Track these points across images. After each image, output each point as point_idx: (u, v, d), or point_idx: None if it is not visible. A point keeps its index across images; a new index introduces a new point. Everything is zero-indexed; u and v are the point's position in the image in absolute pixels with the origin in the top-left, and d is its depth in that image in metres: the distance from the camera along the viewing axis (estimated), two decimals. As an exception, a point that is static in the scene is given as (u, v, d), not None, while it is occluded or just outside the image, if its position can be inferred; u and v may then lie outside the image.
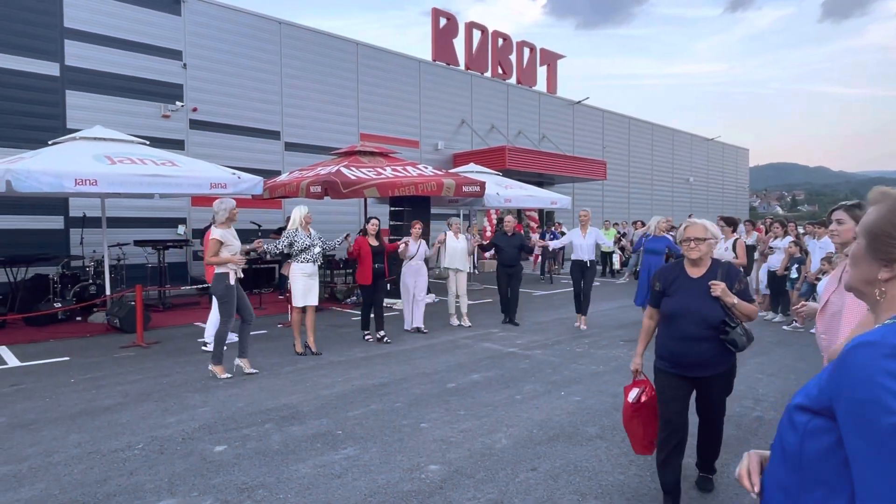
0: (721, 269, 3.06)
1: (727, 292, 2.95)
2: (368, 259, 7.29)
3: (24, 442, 4.11)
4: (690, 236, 3.03)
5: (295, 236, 6.71)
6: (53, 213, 11.05)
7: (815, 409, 1.02)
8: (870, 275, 1.13)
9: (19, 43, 10.78)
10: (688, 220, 3.15)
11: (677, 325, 3.02)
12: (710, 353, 2.99)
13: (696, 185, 31.40)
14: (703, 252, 3.04)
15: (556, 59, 22.85)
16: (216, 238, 5.78)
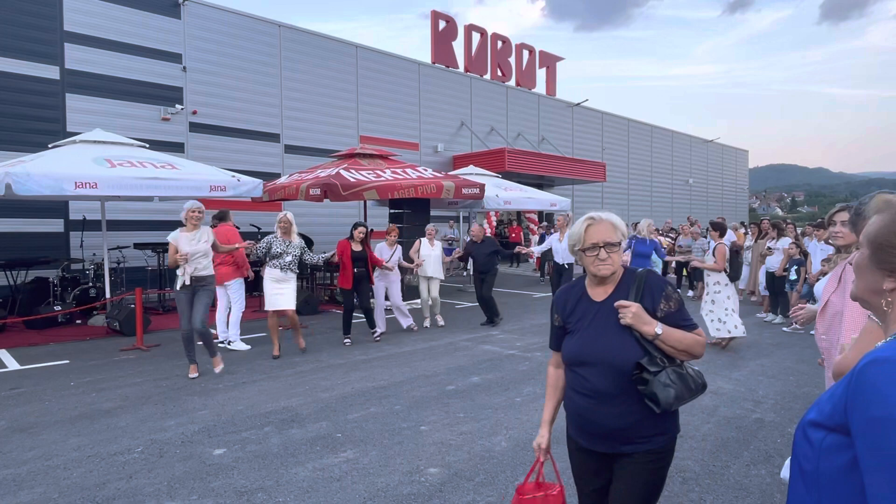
0: (635, 281, 2.00)
1: (642, 317, 1.89)
2: (349, 263, 7.30)
3: (24, 445, 4.11)
4: (597, 241, 1.97)
5: (272, 241, 6.75)
6: (53, 216, 11.06)
7: (830, 426, 1.01)
8: (875, 285, 1.12)
9: (20, 46, 10.80)
10: (589, 216, 2.04)
11: (579, 375, 2.00)
12: (627, 417, 1.91)
13: (695, 187, 31.41)
14: (617, 264, 1.99)
15: (556, 62, 22.88)
16: (169, 241, 5.76)
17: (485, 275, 8.78)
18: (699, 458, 3.86)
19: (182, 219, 5.85)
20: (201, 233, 5.86)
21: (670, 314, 1.95)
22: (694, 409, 4.84)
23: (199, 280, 5.80)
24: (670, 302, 1.97)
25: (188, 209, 5.83)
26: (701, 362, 6.51)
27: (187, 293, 5.76)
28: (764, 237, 10.07)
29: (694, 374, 1.95)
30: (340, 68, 15.96)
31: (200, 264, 5.79)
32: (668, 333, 1.89)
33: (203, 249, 5.81)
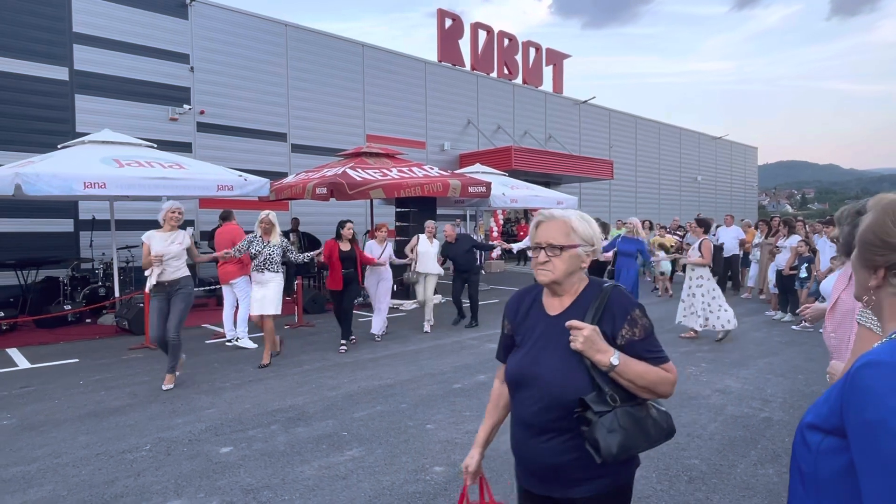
0: (597, 298, 1.66)
1: (596, 344, 1.54)
2: (338, 264, 6.98)
3: (34, 443, 4.15)
4: (539, 241, 1.69)
5: (251, 241, 6.50)
6: (63, 217, 11.16)
7: (827, 429, 1.00)
8: (864, 282, 1.12)
9: (29, 48, 10.89)
10: (541, 212, 1.76)
11: (519, 400, 1.71)
12: (565, 454, 1.61)
13: (704, 184, 31.22)
14: (561, 271, 1.66)
15: (562, 59, 22.80)
16: (143, 240, 5.54)
17: (467, 273, 8.62)
18: (706, 457, 3.84)
19: (160, 219, 5.60)
20: (177, 235, 5.58)
21: (633, 342, 1.60)
22: (701, 408, 4.82)
23: (173, 283, 5.47)
24: (635, 328, 1.61)
25: (168, 209, 5.58)
26: (709, 360, 6.48)
27: (160, 297, 5.46)
28: (775, 234, 10.00)
29: (658, 418, 1.63)
30: (347, 67, 15.98)
31: (172, 266, 5.46)
32: (627, 366, 1.55)
33: (175, 251, 5.49)
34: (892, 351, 0.95)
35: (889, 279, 1.07)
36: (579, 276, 1.71)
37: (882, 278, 1.08)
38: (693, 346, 7.28)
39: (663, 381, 1.61)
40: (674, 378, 1.63)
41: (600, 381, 1.56)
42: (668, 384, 1.62)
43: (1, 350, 7.15)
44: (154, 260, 5.32)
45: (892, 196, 1.11)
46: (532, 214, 20.28)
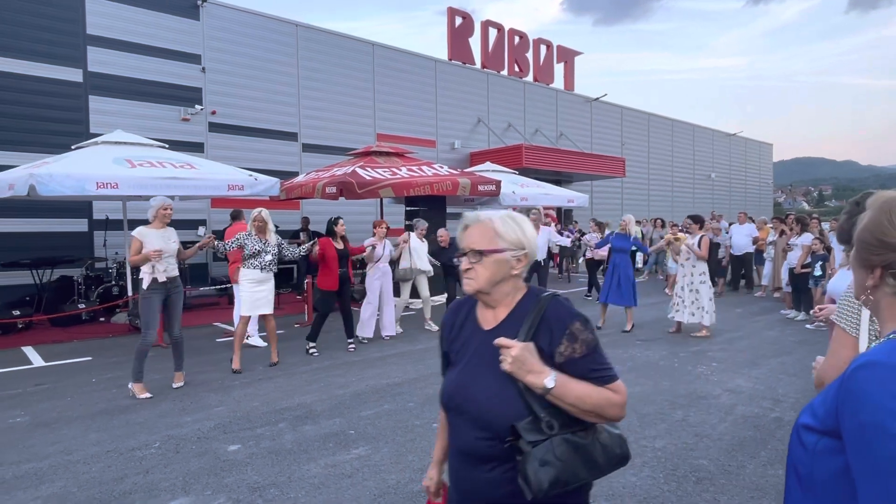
0: (533, 310, 1.47)
1: (527, 364, 1.37)
2: (334, 263, 6.75)
3: (46, 440, 4.21)
4: (464, 247, 1.53)
5: (246, 240, 6.29)
6: (78, 216, 11.30)
7: (823, 430, 0.99)
8: (861, 281, 1.10)
9: (44, 50, 11.04)
10: (465, 215, 1.59)
11: (455, 426, 1.54)
12: (504, 486, 1.43)
13: (718, 182, 30.90)
14: (484, 280, 1.49)
15: (574, 56, 22.67)
16: (134, 236, 5.33)
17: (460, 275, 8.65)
18: (714, 457, 3.80)
19: (151, 216, 5.44)
20: (170, 232, 5.51)
21: (574, 360, 1.40)
22: (711, 408, 4.77)
23: (172, 280, 5.41)
24: (575, 343, 1.41)
25: (160, 206, 5.42)
26: (720, 359, 6.41)
27: (159, 295, 5.32)
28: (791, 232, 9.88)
29: (609, 443, 1.43)
30: (357, 66, 16.02)
31: (171, 264, 5.40)
32: (566, 388, 1.36)
33: (173, 249, 5.45)
34: (890, 352, 0.93)
35: (886, 279, 1.05)
36: (513, 284, 1.52)
37: (879, 278, 1.06)
38: (704, 345, 7.21)
39: (610, 404, 1.40)
40: (622, 399, 1.43)
41: (535, 406, 1.38)
42: (617, 406, 1.42)
43: (16, 348, 7.27)
44: (154, 255, 5.18)
45: (891, 193, 1.08)
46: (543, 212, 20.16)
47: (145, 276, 5.27)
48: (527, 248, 1.52)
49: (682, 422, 4.46)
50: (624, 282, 7.99)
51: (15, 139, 10.75)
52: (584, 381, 1.40)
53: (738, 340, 7.49)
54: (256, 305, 6.30)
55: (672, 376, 5.76)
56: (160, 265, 5.28)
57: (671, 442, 4.05)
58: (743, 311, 9.96)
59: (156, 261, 5.23)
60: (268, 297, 6.35)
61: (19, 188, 6.78)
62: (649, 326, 8.48)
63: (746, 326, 8.49)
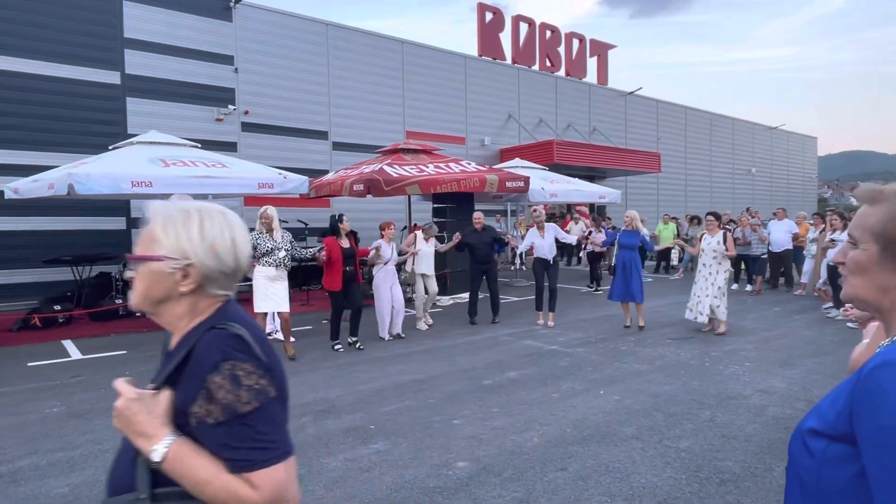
0: (186, 346, 1.12)
1: (132, 422, 1.07)
2: (339, 263, 6.69)
3: (79, 430, 4.35)
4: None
5: (257, 239, 6.36)
6: (116, 215, 11.68)
7: (833, 435, 0.92)
8: (887, 282, 1.00)
9: (84, 54, 11.43)
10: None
11: None
12: None
13: (758, 177, 29.97)
14: (139, 294, 1.20)
15: (607, 50, 22.29)
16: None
17: (487, 266, 8.46)
18: (740, 459, 3.67)
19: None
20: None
21: (206, 427, 1.04)
22: (740, 409, 4.62)
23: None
24: (211, 404, 1.03)
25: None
26: (753, 358, 6.21)
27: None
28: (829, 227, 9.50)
29: None
30: (387, 64, 16.09)
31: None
32: (182, 465, 1.03)
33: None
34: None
35: None
36: (190, 305, 1.15)
37: None
38: (738, 343, 7.00)
39: (236, 498, 1.02)
40: (258, 499, 1.02)
41: (140, 481, 1.05)
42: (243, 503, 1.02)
43: (56, 341, 7.55)
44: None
45: None
46: (575, 210, 19.95)
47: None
48: (192, 257, 1.12)
49: (710, 422, 4.33)
50: (635, 278, 7.88)
51: (55, 140, 11.17)
52: (213, 460, 1.03)
53: (773, 339, 7.24)
54: (273, 302, 6.38)
55: (702, 376, 5.60)
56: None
57: (696, 443, 3.94)
58: (781, 309, 9.64)
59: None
60: (281, 295, 6.42)
61: (59, 187, 7.04)
62: (682, 325, 8.27)
63: (783, 325, 8.21)
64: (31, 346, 7.35)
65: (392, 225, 7.76)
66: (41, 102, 11.11)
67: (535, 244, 8.37)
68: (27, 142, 10.96)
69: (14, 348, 7.28)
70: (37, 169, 9.85)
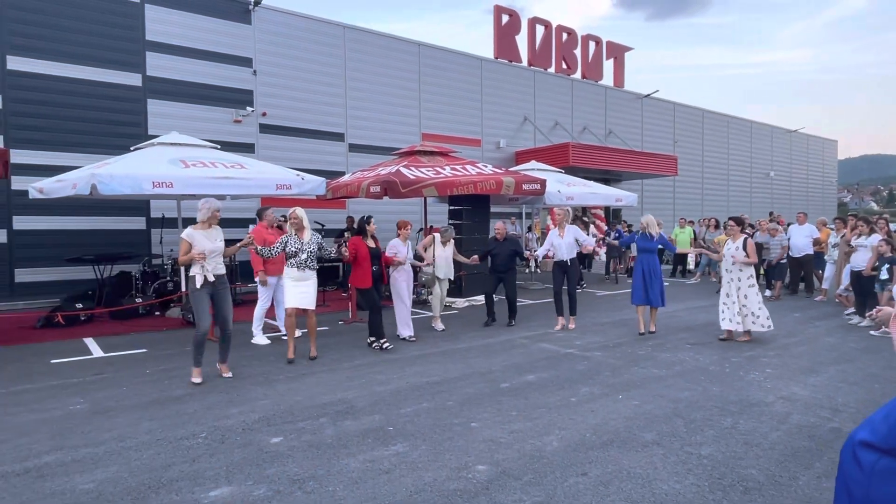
0: None
1: None
2: (367, 261, 6.81)
3: (102, 427, 4.41)
4: None
5: (287, 241, 6.47)
6: (136, 215, 11.84)
7: (885, 449, 0.89)
8: None
9: (106, 56, 11.62)
10: None
11: None
12: None
13: (777, 180, 29.62)
14: None
15: (624, 52, 22.18)
16: (184, 238, 5.50)
17: (504, 274, 8.45)
18: (764, 466, 3.63)
19: (203, 217, 5.66)
20: (217, 232, 5.73)
21: None
22: (763, 416, 4.56)
23: (219, 278, 5.66)
24: None
25: (213, 209, 5.66)
26: (774, 365, 6.13)
27: (207, 292, 5.59)
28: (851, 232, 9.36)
29: None
30: (403, 67, 16.15)
31: (217, 263, 5.64)
32: None
33: (220, 248, 5.67)
34: None
35: None
36: None
37: None
38: (758, 350, 6.91)
39: None
40: None
41: None
42: None
43: (78, 339, 7.66)
44: (199, 258, 5.42)
45: None
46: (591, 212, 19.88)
47: (196, 275, 5.51)
48: None
49: (732, 429, 4.28)
50: (656, 282, 7.82)
51: (78, 141, 11.35)
52: None
53: (794, 346, 7.14)
54: (300, 299, 6.45)
55: (722, 382, 5.54)
56: (208, 264, 5.51)
57: (719, 449, 3.90)
58: (801, 315, 9.50)
59: (202, 262, 5.46)
60: (309, 293, 6.47)
61: (82, 187, 7.15)
62: (700, 330, 8.19)
63: (804, 332, 8.09)
64: (54, 344, 7.47)
65: (409, 224, 7.77)
66: (65, 104, 11.31)
67: (554, 244, 8.28)
68: (51, 142, 11.16)
69: (38, 345, 7.41)
70: (60, 169, 10.03)
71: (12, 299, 10.81)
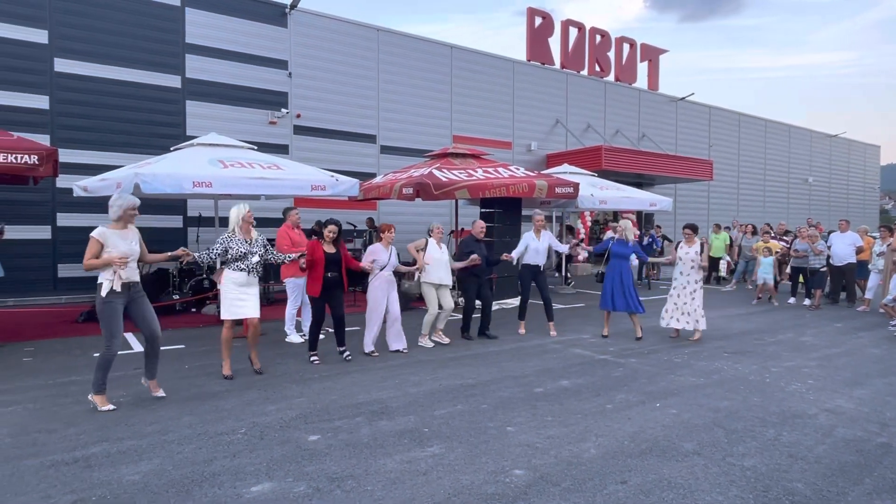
0: None
1: None
2: (320, 267, 6.23)
3: (145, 420, 4.52)
4: None
5: (230, 242, 5.75)
6: (174, 213, 12.12)
7: None
8: None
9: (147, 59, 11.94)
10: None
11: None
12: None
13: (815, 186, 28.83)
14: None
15: (658, 55, 21.88)
16: (94, 237, 4.69)
17: (481, 276, 7.78)
18: (810, 480, 3.52)
19: (115, 216, 4.89)
20: (132, 232, 4.99)
21: None
22: (806, 428, 4.43)
23: (134, 285, 4.88)
24: None
25: (126, 206, 4.89)
26: (816, 376, 5.96)
27: (121, 302, 4.77)
28: None
29: None
30: (435, 69, 16.21)
31: (131, 269, 4.87)
32: None
33: (136, 252, 4.92)
34: None
35: None
36: None
37: None
38: (799, 360, 6.73)
39: None
40: None
41: None
42: None
43: (120, 334, 7.86)
44: (119, 262, 4.66)
45: None
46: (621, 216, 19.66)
47: (105, 282, 4.69)
48: None
49: (775, 441, 4.17)
50: (629, 289, 7.77)
51: (120, 141, 11.68)
52: None
53: (836, 357, 6.93)
54: (243, 309, 5.78)
55: (763, 392, 5.41)
56: (123, 272, 4.73)
57: (762, 461, 3.80)
58: (843, 325, 9.22)
59: (119, 267, 4.69)
60: (252, 301, 5.82)
61: (126, 186, 7.34)
62: (739, 338, 8.02)
63: (847, 343, 7.85)
64: (95, 338, 7.66)
65: (392, 228, 7.03)
66: (108, 105, 11.66)
67: (530, 247, 8.01)
68: (94, 142, 11.51)
69: (81, 338, 7.64)
70: (102, 168, 10.33)
71: (56, 294, 11.17)
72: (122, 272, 4.72)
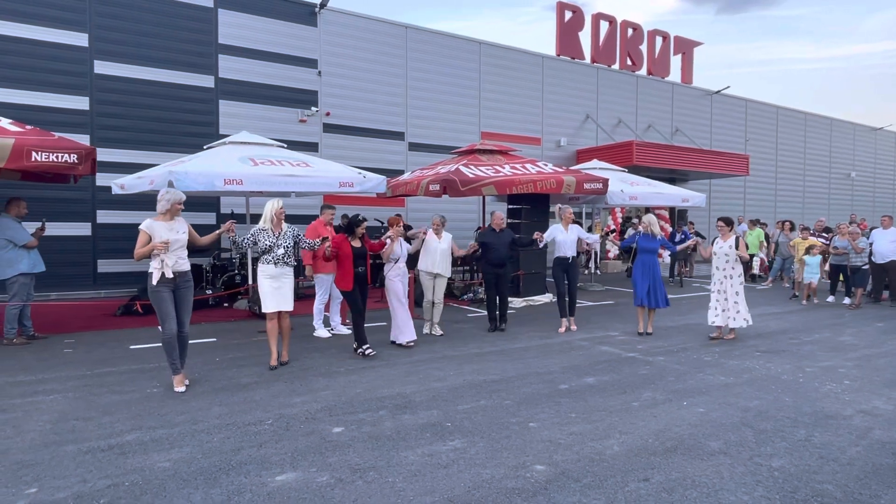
0: None
1: None
2: (349, 262, 6.34)
3: (176, 410, 4.66)
4: None
5: (259, 235, 6.02)
6: (207, 210, 12.41)
7: None
8: None
9: (182, 59, 12.24)
10: None
11: None
12: None
13: (859, 181, 27.82)
14: None
15: (693, 47, 21.39)
16: (142, 229, 4.99)
17: (502, 269, 7.94)
18: (842, 483, 3.42)
19: (163, 209, 5.14)
20: (179, 223, 5.21)
21: None
22: (840, 429, 4.30)
23: (182, 275, 5.16)
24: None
25: (174, 201, 5.16)
26: (853, 377, 5.77)
27: (168, 289, 5.07)
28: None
29: None
30: (463, 65, 16.19)
31: (180, 256, 5.13)
32: None
33: (183, 240, 5.15)
34: None
35: None
36: None
37: None
38: (836, 360, 6.53)
39: None
40: None
41: None
42: None
43: (154, 327, 8.08)
44: (161, 247, 4.91)
45: None
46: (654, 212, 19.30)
47: (154, 270, 5.00)
48: None
49: (806, 442, 4.06)
50: (659, 283, 7.71)
51: (156, 140, 12.02)
52: None
53: (876, 358, 6.69)
54: (278, 302, 6.01)
55: (796, 392, 5.26)
56: (169, 259, 5.02)
57: (791, 462, 3.71)
58: (884, 325, 8.90)
59: (163, 254, 4.96)
60: (286, 293, 6.06)
61: (159, 184, 7.55)
62: (773, 337, 7.82)
63: (889, 343, 7.57)
64: (132, 331, 7.95)
65: (400, 221, 7.12)
66: (144, 105, 12.00)
67: (557, 240, 8.04)
68: (131, 141, 11.87)
69: (118, 331, 7.90)
70: (138, 166, 10.64)
71: (95, 288, 11.58)
72: (168, 259, 5.01)
